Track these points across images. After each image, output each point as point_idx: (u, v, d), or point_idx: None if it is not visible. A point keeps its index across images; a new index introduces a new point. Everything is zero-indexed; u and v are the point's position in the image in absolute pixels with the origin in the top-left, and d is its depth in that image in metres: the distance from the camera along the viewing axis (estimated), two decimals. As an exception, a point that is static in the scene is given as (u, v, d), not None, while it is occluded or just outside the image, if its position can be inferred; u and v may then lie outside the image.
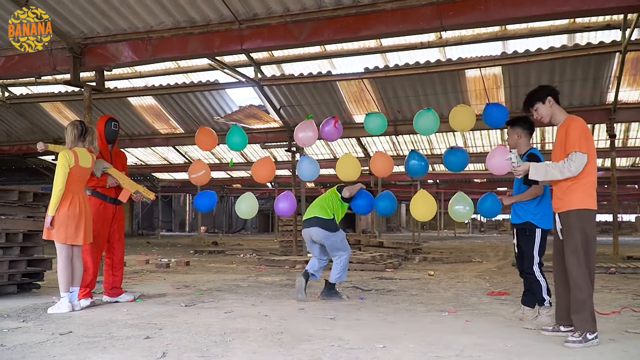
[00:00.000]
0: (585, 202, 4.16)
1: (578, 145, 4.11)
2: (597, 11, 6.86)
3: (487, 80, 11.40)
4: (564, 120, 4.33)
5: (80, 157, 5.48)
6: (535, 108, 4.44)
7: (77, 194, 5.49)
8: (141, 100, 14.14)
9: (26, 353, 3.79)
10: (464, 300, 6.34)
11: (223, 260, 12.62)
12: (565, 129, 4.25)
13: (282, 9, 7.35)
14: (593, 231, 4.19)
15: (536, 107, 4.43)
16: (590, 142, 4.21)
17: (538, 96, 4.44)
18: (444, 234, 32.84)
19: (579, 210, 4.15)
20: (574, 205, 4.16)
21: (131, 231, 29.52)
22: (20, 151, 17.22)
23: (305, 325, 4.76)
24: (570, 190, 4.18)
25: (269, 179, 6.54)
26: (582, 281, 4.07)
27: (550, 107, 4.38)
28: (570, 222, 4.17)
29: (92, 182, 5.89)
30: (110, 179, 5.99)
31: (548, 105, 4.38)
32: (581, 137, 4.14)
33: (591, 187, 4.20)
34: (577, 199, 4.16)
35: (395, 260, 11.28)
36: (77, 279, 5.54)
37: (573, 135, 4.15)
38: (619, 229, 22.94)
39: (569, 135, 4.17)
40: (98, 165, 5.87)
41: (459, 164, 5.93)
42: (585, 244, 4.12)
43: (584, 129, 4.20)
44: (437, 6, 6.69)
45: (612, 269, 9.53)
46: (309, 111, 12.93)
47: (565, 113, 4.40)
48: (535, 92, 4.51)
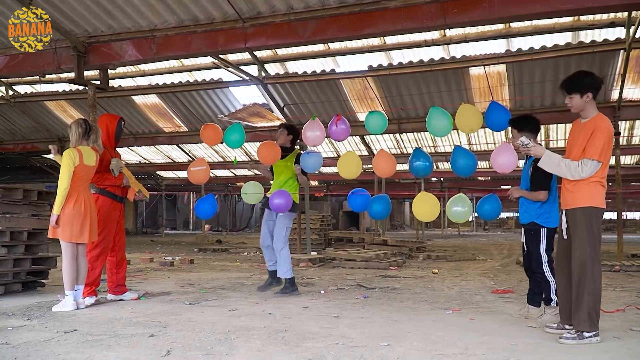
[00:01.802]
0: (593, 200, 4.13)
1: (598, 154, 4.05)
2: (601, 9, 6.84)
3: (491, 78, 11.37)
4: (593, 118, 4.17)
5: (85, 156, 5.49)
6: (571, 96, 4.22)
7: (82, 192, 5.50)
8: (145, 99, 14.15)
9: (31, 351, 3.80)
10: (468, 299, 6.34)
11: (227, 258, 12.64)
12: (592, 129, 4.10)
13: (285, 7, 7.35)
14: (599, 230, 4.17)
15: (572, 96, 4.21)
16: (611, 148, 4.16)
17: (579, 87, 4.17)
18: (448, 232, 32.80)
19: (586, 208, 4.13)
20: (581, 203, 4.15)
21: (135, 229, 29.57)
22: (25, 150, 17.25)
23: (310, 324, 4.76)
24: (579, 189, 4.17)
25: (274, 161, 6.48)
26: (588, 278, 4.06)
27: (585, 102, 4.18)
28: (578, 219, 4.15)
29: (108, 180, 5.91)
30: (124, 178, 6.04)
31: (584, 100, 4.18)
32: (605, 144, 4.06)
33: (600, 186, 4.17)
34: (586, 196, 4.14)
35: (399, 258, 11.27)
36: (82, 277, 5.55)
37: (598, 141, 4.05)
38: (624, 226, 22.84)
39: (595, 138, 4.06)
40: (117, 165, 5.93)
41: (467, 169, 5.74)
42: (592, 241, 4.11)
43: (610, 135, 4.11)
44: (441, 4, 6.67)
45: (617, 267, 9.51)
46: (313, 109, 12.93)
47: (596, 109, 4.22)
48: (578, 82, 4.22)
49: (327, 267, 10.35)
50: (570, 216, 4.24)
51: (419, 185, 23.38)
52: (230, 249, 15.88)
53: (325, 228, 16.49)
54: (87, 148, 5.57)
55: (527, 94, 11.52)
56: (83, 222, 5.45)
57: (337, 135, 6.20)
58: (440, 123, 5.62)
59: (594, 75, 4.31)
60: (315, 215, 16.44)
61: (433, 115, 5.63)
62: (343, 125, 6.13)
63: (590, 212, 4.13)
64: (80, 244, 5.53)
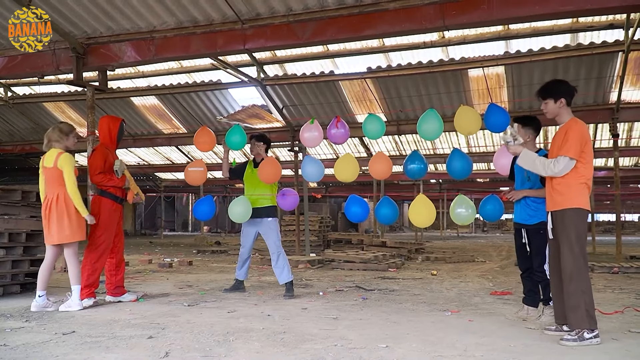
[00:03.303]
0: (579, 201, 4.22)
1: (571, 151, 4.18)
2: (600, 11, 6.83)
3: (490, 79, 11.39)
4: (567, 122, 4.34)
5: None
6: (545, 102, 4.42)
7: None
8: (144, 100, 14.15)
9: (29, 353, 3.80)
10: (467, 300, 6.34)
11: (226, 260, 12.63)
12: (565, 131, 4.28)
13: (284, 8, 7.35)
14: (585, 230, 4.27)
15: (547, 102, 4.41)
16: (587, 147, 4.25)
17: (552, 93, 4.39)
18: (447, 234, 32.81)
19: (573, 209, 4.21)
20: (568, 204, 4.22)
21: (134, 231, 29.54)
22: (23, 151, 17.23)
23: (308, 325, 4.76)
24: (567, 190, 4.24)
25: (275, 180, 6.54)
26: (579, 276, 4.11)
27: (559, 107, 4.37)
28: (565, 221, 4.23)
29: (112, 182, 5.91)
30: (126, 180, 6.04)
31: (558, 106, 4.36)
32: (577, 142, 4.18)
33: (585, 188, 4.27)
34: (574, 198, 4.22)
35: (398, 259, 11.27)
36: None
37: (571, 139, 4.19)
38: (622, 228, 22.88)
39: (567, 138, 4.22)
40: (122, 166, 5.94)
41: (462, 172, 5.75)
42: (580, 241, 4.18)
43: (582, 134, 4.23)
44: (440, 5, 6.68)
45: (615, 268, 9.51)
46: (312, 111, 12.95)
47: (571, 114, 4.39)
48: (551, 88, 4.44)
49: (326, 268, 10.35)
50: (557, 217, 4.30)
51: (417, 187, 23.41)
52: (229, 250, 15.88)
53: (324, 230, 16.51)
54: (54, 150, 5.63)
55: (525, 96, 11.53)
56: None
57: (335, 138, 6.20)
58: (430, 127, 5.66)
59: (567, 83, 4.52)
60: (314, 216, 16.45)
61: (423, 119, 5.72)
62: (342, 129, 6.12)
63: (578, 213, 4.21)
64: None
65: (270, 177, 6.38)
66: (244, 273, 6.94)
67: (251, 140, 6.83)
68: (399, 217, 42.07)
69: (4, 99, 13.43)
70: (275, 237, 6.62)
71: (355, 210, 6.09)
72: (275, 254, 6.55)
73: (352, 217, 6.17)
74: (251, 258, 7.23)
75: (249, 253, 6.90)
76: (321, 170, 6.29)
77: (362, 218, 6.14)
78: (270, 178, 6.39)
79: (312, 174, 6.28)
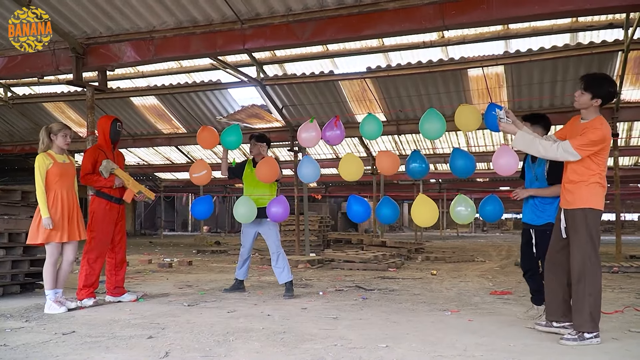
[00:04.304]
0: (592, 201, 4.17)
1: (582, 146, 4.11)
2: (600, 10, 6.83)
3: (490, 79, 11.39)
4: (592, 120, 4.23)
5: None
6: (583, 92, 4.26)
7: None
8: (144, 100, 14.14)
9: (29, 353, 3.80)
10: (467, 300, 6.34)
11: (226, 260, 12.63)
12: (586, 127, 4.19)
13: (284, 8, 7.34)
14: (598, 230, 4.21)
15: (584, 93, 4.25)
16: (605, 149, 4.19)
17: (595, 88, 4.22)
18: (447, 234, 32.82)
19: (585, 209, 4.17)
20: (580, 204, 4.18)
21: (134, 231, 29.55)
22: (23, 151, 17.21)
23: (308, 325, 4.76)
24: (579, 189, 4.21)
25: (273, 180, 6.50)
26: (587, 278, 4.08)
27: (592, 104, 4.24)
28: (577, 220, 4.18)
29: (100, 182, 5.91)
30: (117, 179, 6.01)
31: (591, 103, 4.23)
32: (592, 143, 4.11)
33: (598, 187, 4.20)
34: (585, 197, 4.18)
35: (398, 259, 11.27)
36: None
37: (587, 136, 4.12)
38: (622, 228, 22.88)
39: (585, 133, 4.14)
40: (107, 166, 5.91)
41: (466, 170, 5.73)
42: (591, 242, 4.14)
43: (604, 137, 4.14)
44: (440, 5, 6.68)
45: (615, 268, 9.52)
46: (312, 110, 12.94)
47: (598, 113, 4.28)
48: (597, 84, 4.25)
49: (326, 268, 10.35)
50: (569, 216, 4.27)
51: (417, 187, 23.40)
52: (228, 250, 15.88)
53: (324, 229, 16.51)
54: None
55: (525, 96, 11.53)
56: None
57: (330, 140, 6.16)
58: (432, 126, 5.62)
59: (615, 87, 4.38)
60: (313, 216, 16.45)
61: (425, 118, 5.66)
62: (338, 131, 6.10)
63: (588, 213, 4.16)
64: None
65: (267, 177, 6.36)
66: (244, 273, 6.95)
67: (251, 140, 6.83)
68: (398, 217, 42.09)
69: (3, 99, 13.42)
70: (275, 237, 6.63)
71: (357, 210, 6.07)
72: (275, 254, 6.56)
73: (354, 216, 6.13)
74: (251, 258, 7.22)
75: (249, 253, 6.91)
76: (317, 172, 6.26)
77: (364, 218, 6.11)
78: (267, 178, 6.37)
79: (309, 175, 6.25)
